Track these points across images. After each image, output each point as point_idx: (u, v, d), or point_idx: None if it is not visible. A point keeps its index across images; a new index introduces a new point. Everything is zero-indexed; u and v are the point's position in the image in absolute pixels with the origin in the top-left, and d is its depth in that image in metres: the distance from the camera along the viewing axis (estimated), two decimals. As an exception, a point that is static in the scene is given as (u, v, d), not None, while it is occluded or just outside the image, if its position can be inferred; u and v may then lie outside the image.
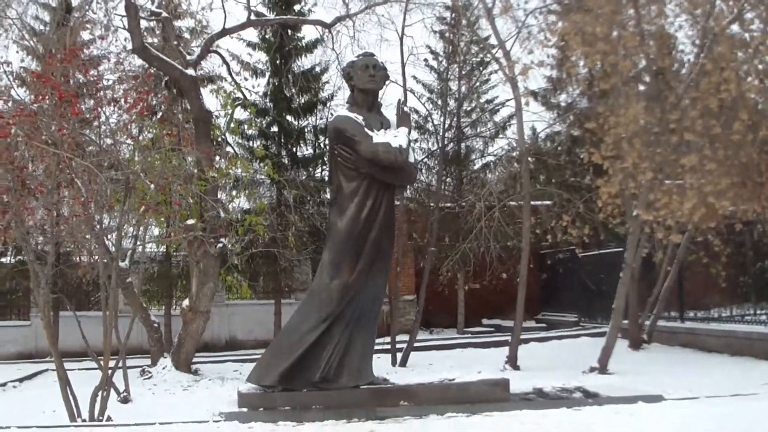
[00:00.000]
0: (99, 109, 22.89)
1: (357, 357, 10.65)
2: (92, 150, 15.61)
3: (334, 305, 10.57)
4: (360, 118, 10.78)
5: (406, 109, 11.52)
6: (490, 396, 10.52)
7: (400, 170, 10.76)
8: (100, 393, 11.09)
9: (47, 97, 13.19)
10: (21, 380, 18.54)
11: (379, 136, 10.60)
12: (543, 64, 15.64)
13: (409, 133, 11.03)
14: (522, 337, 22.78)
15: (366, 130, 10.63)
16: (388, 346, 19.69)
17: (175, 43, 19.25)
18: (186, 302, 18.51)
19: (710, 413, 9.38)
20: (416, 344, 22.51)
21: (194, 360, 19.19)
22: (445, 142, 23.68)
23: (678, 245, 17.71)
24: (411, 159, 11.08)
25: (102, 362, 11.72)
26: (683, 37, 14.07)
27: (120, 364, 13.18)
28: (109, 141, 17.89)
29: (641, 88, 13.55)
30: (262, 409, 10.33)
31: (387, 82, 12.40)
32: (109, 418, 11.07)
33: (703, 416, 9.03)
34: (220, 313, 26.78)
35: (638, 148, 12.56)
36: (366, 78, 11.09)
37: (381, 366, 18.73)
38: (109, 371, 11.53)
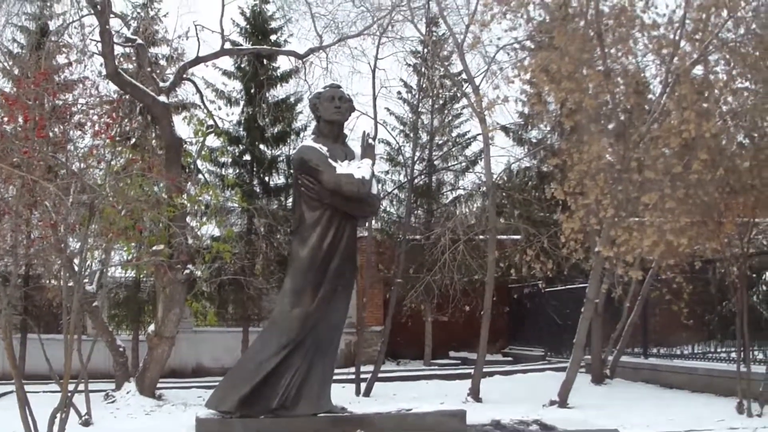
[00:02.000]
0: (68, 133, 23.15)
1: (316, 385, 10.74)
2: (63, 173, 15.68)
3: (294, 333, 10.67)
4: (324, 149, 10.92)
5: (370, 141, 11.69)
6: (447, 427, 10.64)
7: (362, 201, 10.89)
8: (59, 415, 11.07)
9: (15, 120, 13.24)
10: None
11: (342, 167, 10.75)
12: (507, 100, 15.68)
13: (373, 164, 11.19)
14: (487, 370, 22.96)
15: (330, 161, 10.78)
16: (354, 376, 19.69)
17: (149, 69, 19.34)
18: (152, 327, 18.51)
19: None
20: (382, 375, 22.54)
21: (159, 385, 19.13)
22: (414, 175, 23.80)
23: (642, 281, 17.93)
24: (374, 190, 11.17)
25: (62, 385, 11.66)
26: (650, 76, 14.32)
27: (81, 387, 13.09)
28: (79, 165, 18.09)
29: (609, 126, 13.72)
30: (219, 435, 10.40)
31: (355, 114, 12.59)
32: (66, 442, 11.07)
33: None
34: (188, 340, 26.71)
35: (601, 185, 12.77)
36: (332, 109, 11.25)
37: (344, 395, 18.80)
38: (69, 394, 11.45)
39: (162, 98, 18.43)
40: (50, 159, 14.91)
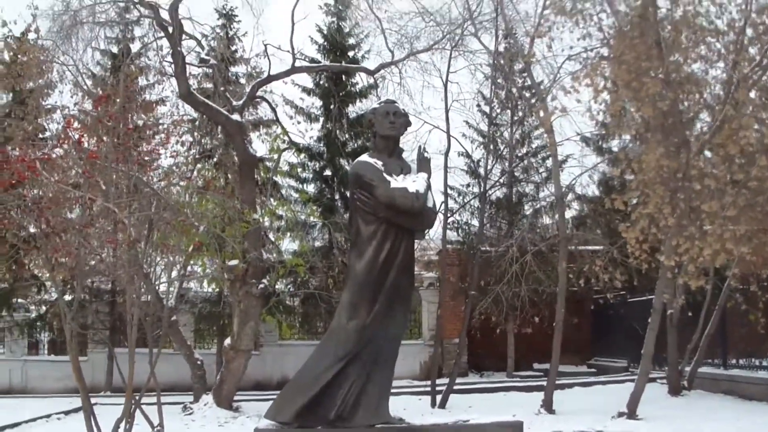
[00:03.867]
0: (157, 151, 23.84)
1: (374, 396, 10.83)
2: (147, 192, 16.16)
3: (351, 345, 10.80)
4: (380, 164, 11.04)
5: (426, 154, 11.77)
6: (503, 438, 10.62)
7: (417, 215, 10.96)
8: (122, 425, 11.44)
9: (103, 140, 13.65)
10: (67, 413, 19.05)
11: (397, 182, 10.87)
12: (566, 111, 15.62)
13: (429, 178, 11.25)
14: (567, 382, 22.84)
15: (385, 175, 10.90)
16: (439, 388, 19.66)
17: (222, 89, 19.80)
18: (228, 341, 18.87)
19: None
20: (461, 387, 22.60)
21: (240, 398, 19.54)
22: (488, 187, 23.74)
23: (719, 291, 17.59)
24: (430, 204, 11.21)
25: (128, 396, 12.06)
26: (711, 82, 14.02)
27: (150, 400, 13.48)
28: (159, 183, 18.63)
29: (668, 134, 13.51)
30: (276, 445, 10.58)
31: (427, 128, 12.64)
32: (130, 451, 11.43)
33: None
34: (273, 353, 27.13)
35: (661, 194, 12.62)
36: (387, 124, 11.36)
37: (420, 407, 18.96)
38: (132, 404, 11.83)
39: (235, 116, 18.82)
40: (137, 179, 15.49)
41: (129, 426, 11.69)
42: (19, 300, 28.34)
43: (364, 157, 11.48)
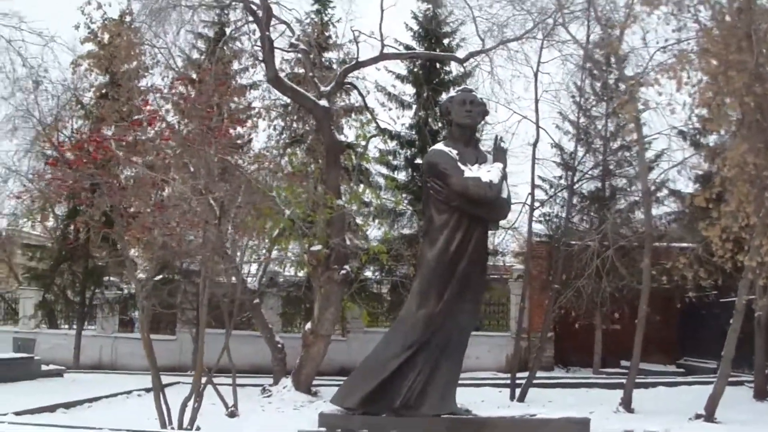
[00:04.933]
0: (248, 135, 24.14)
1: (440, 386, 10.82)
2: (237, 175, 16.38)
3: (419, 334, 10.81)
4: (454, 153, 11.01)
5: (503, 144, 11.68)
6: (569, 434, 10.49)
7: (490, 205, 10.89)
8: (190, 404, 11.63)
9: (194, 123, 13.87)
10: (148, 390, 19.38)
11: (472, 171, 10.80)
12: (648, 105, 15.22)
13: (504, 168, 11.16)
14: (653, 380, 22.36)
15: (459, 164, 10.85)
16: (521, 382, 19.46)
17: (311, 74, 19.87)
18: (308, 326, 19.01)
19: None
20: (544, 381, 22.31)
21: (320, 382, 19.65)
22: (575, 180, 23.32)
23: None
24: (504, 194, 11.10)
25: (197, 375, 12.26)
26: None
27: (223, 381, 13.71)
28: (252, 168, 18.86)
29: (755, 130, 13.04)
30: (339, 430, 10.64)
31: (516, 118, 12.43)
32: (198, 428, 11.61)
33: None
34: (359, 339, 27.17)
35: (744, 191, 12.24)
36: (463, 113, 11.32)
37: (499, 399, 18.81)
38: (201, 385, 12.01)
39: (323, 102, 18.88)
40: (225, 161, 15.71)
41: (198, 405, 11.88)
42: (112, 278, 29.01)
43: (439, 146, 11.45)
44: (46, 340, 28.41)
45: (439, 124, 28.10)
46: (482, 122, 12.52)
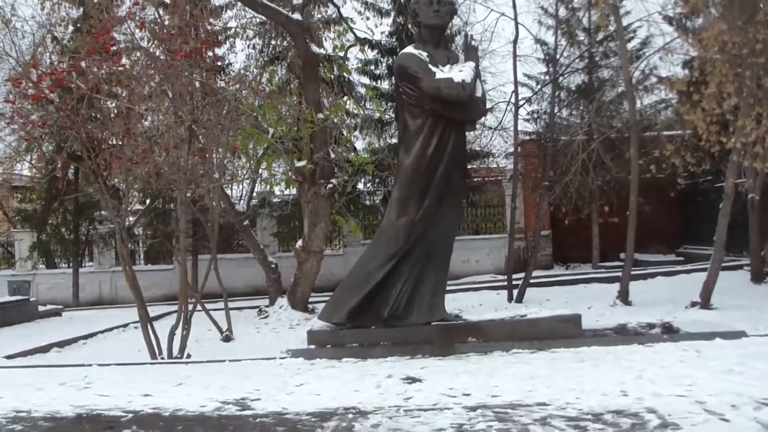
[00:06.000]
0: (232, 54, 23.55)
1: (428, 294, 10.68)
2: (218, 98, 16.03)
3: (401, 242, 10.63)
4: (424, 55, 10.70)
5: (474, 43, 11.37)
6: (561, 332, 10.37)
7: (465, 105, 10.59)
8: (178, 332, 11.52)
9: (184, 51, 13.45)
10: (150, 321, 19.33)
11: (443, 72, 10.50)
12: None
13: (476, 67, 10.84)
14: (651, 271, 22.30)
15: (430, 66, 10.55)
16: (518, 282, 19.35)
17: (281, -13, 19.31)
18: (299, 243, 18.82)
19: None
20: (542, 280, 22.28)
21: (318, 299, 19.54)
22: (558, 73, 22.83)
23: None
24: (479, 93, 10.80)
25: (181, 303, 12.11)
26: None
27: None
28: (233, 88, 18.47)
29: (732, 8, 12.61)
30: (329, 346, 10.56)
31: (494, 15, 12.07)
32: (188, 356, 11.51)
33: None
34: (357, 253, 26.98)
35: (723, 72, 11.89)
36: (431, 14, 10.96)
37: (497, 302, 18.74)
38: (184, 311, 11.88)
39: (296, 15, 18.39)
40: (207, 85, 15.35)
41: (186, 332, 11.77)
42: (103, 212, 28.75)
43: (409, 49, 11.11)
44: (44, 281, 28.47)
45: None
46: (451, 21, 12.06)
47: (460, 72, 10.47)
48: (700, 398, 6.73)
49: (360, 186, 26.68)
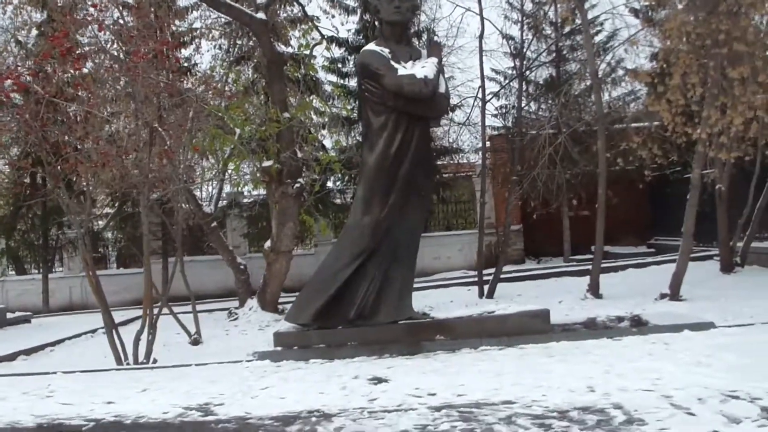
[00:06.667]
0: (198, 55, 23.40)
1: (395, 293, 10.57)
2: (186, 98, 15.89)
3: (366, 241, 10.52)
4: (386, 51, 10.59)
5: (436, 38, 11.31)
6: (530, 328, 10.30)
7: (427, 102, 10.49)
8: (143, 337, 11.38)
9: (143, 52, 13.28)
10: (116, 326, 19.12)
11: (406, 69, 10.40)
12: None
13: (439, 63, 10.74)
14: (622, 263, 22.33)
15: (392, 63, 10.44)
16: (489, 278, 19.30)
17: (244, -14, 19.16)
18: (268, 243, 18.70)
19: (748, 342, 8.89)
20: (513, 275, 22.28)
21: (288, 299, 19.42)
22: (524, 67, 22.80)
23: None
24: (442, 89, 10.69)
25: (145, 307, 11.97)
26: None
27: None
28: (199, 90, 18.33)
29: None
30: (296, 347, 10.44)
31: (459, 11, 12.05)
32: (154, 361, 11.38)
33: (736, 346, 8.53)
34: (328, 252, 26.97)
35: (686, 62, 11.88)
36: (392, 10, 10.85)
37: (468, 297, 18.71)
38: (149, 315, 11.75)
39: (260, 15, 18.23)
40: (177, 85, 15.21)
41: (152, 337, 11.64)
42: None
43: (371, 46, 10.98)
44: (14, 287, 28.17)
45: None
46: (413, 17, 11.99)
47: (422, 68, 10.37)
48: (666, 392, 6.66)
49: (330, 184, 26.59)
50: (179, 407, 7.58)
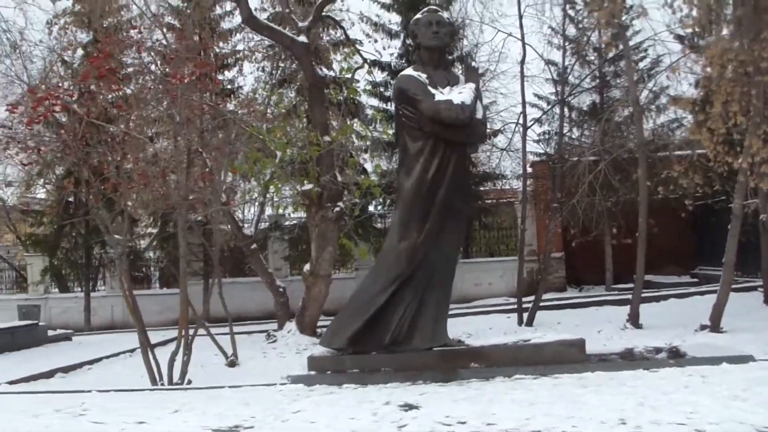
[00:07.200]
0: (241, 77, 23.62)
1: (430, 319, 10.51)
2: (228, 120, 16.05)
3: (403, 266, 10.48)
4: (423, 77, 10.59)
5: (474, 64, 11.26)
6: (565, 357, 10.18)
7: (465, 127, 10.46)
8: (178, 358, 11.41)
9: (185, 73, 13.42)
10: (154, 346, 19.20)
11: (443, 94, 10.39)
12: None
13: (477, 89, 10.71)
14: (664, 293, 22.01)
15: (429, 88, 10.44)
16: (528, 306, 19.14)
17: (288, 11, 19.26)
18: (307, 267, 18.71)
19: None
20: (554, 303, 22.06)
21: (327, 323, 19.41)
22: (566, 93, 22.62)
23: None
24: (479, 115, 10.66)
25: (180, 328, 12.01)
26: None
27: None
28: (241, 112, 18.50)
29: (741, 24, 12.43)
30: (330, 372, 10.40)
31: (501, 36, 12.03)
32: (189, 382, 11.39)
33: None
34: (369, 277, 26.93)
35: (727, 91, 11.73)
36: (429, 35, 10.86)
37: (507, 325, 18.55)
38: (184, 336, 11.78)
39: (301, 38, 18.33)
40: (218, 107, 15.33)
41: (187, 358, 11.67)
42: (116, 236, 28.65)
43: (408, 71, 11.00)
44: (57, 305, 28.43)
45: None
46: (451, 42, 11.97)
47: (459, 94, 10.35)
48: (700, 426, 6.53)
49: (371, 209, 26.59)
50: (210, 429, 7.56)
